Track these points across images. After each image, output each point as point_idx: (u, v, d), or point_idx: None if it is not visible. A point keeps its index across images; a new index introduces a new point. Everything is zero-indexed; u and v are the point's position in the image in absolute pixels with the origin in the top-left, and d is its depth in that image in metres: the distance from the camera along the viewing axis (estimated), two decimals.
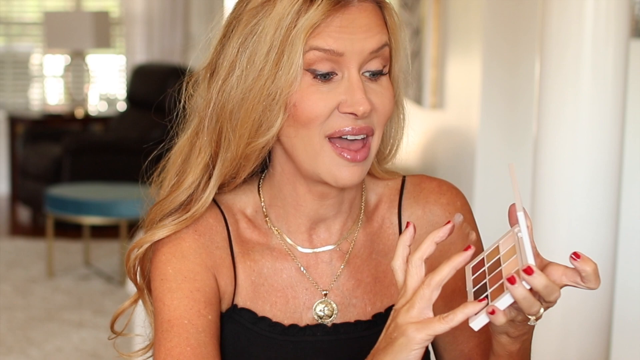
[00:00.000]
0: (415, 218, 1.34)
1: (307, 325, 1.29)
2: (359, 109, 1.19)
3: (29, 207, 6.71)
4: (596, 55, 2.30)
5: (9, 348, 4.27)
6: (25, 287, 5.14)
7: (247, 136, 1.23)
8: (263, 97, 1.20)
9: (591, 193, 2.34)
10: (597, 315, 2.33)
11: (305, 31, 1.18)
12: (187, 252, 1.27)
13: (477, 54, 3.33)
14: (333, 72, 1.21)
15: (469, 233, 1.33)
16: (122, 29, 7.71)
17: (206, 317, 1.24)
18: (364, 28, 1.21)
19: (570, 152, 2.34)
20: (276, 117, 1.21)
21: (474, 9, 3.40)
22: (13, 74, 7.89)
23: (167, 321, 1.24)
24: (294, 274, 1.30)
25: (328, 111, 1.20)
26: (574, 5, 2.30)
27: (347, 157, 1.21)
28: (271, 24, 1.20)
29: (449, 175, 3.70)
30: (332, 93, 1.20)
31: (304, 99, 1.20)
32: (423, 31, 3.96)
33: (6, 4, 7.83)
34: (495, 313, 1.07)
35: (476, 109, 3.33)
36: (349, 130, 1.21)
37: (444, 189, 1.35)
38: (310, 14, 1.19)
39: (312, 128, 1.20)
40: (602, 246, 2.36)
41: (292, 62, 1.19)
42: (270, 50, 1.20)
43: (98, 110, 7.71)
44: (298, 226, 1.31)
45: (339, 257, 1.32)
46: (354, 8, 1.21)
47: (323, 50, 1.19)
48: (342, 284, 1.31)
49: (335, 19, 1.20)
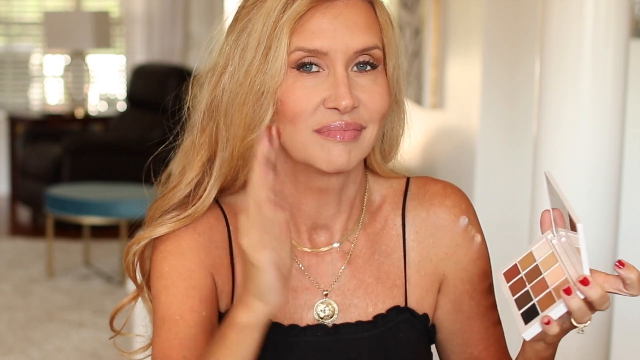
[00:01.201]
0: (420, 220, 1.33)
1: (307, 325, 1.28)
2: (341, 103, 1.19)
3: (29, 207, 6.71)
4: (596, 55, 2.30)
5: (9, 348, 4.26)
6: (25, 287, 5.14)
7: (242, 133, 1.23)
8: (253, 92, 1.21)
9: (591, 193, 2.34)
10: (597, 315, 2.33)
11: (289, 23, 1.19)
12: (184, 250, 1.27)
13: (477, 54, 3.33)
14: (318, 66, 1.21)
15: (474, 235, 1.34)
16: (122, 29, 7.71)
17: (199, 313, 1.24)
18: (349, 25, 1.21)
19: (570, 152, 2.34)
20: (265, 112, 1.21)
21: (474, 9, 3.40)
22: (13, 74, 7.89)
23: (161, 318, 1.25)
24: (295, 274, 1.29)
25: (313, 106, 1.20)
26: (574, 5, 2.30)
27: (337, 138, 1.21)
28: (260, 18, 1.21)
29: (449, 175, 3.70)
30: (317, 88, 1.21)
31: (289, 94, 1.20)
32: (423, 31, 3.96)
33: (6, 4, 7.83)
34: (550, 323, 1.08)
35: (476, 109, 3.33)
36: (336, 125, 1.20)
37: (448, 192, 1.34)
38: (295, 5, 1.19)
39: (299, 123, 1.21)
40: (602, 246, 2.36)
41: (277, 56, 1.19)
42: (258, 45, 1.21)
43: (98, 110, 7.71)
44: (299, 226, 1.30)
45: (340, 257, 1.31)
46: (340, 3, 1.21)
47: (307, 50, 1.20)
48: (343, 284, 1.31)
49: (320, 13, 1.20)
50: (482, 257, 1.35)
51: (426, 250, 1.33)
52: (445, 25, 3.76)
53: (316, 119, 1.20)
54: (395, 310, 1.30)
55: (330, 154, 1.21)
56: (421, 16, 3.99)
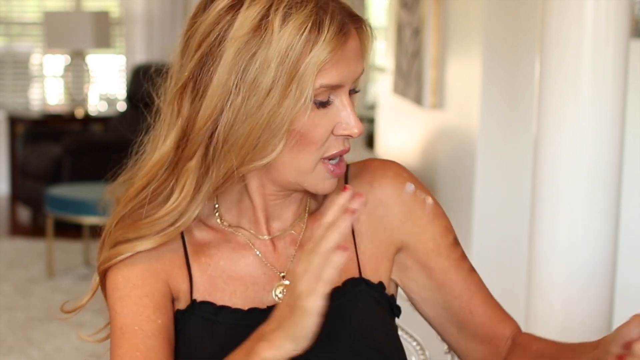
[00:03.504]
0: (364, 194, 1.37)
1: (267, 307, 1.32)
2: (354, 131, 1.27)
3: (29, 207, 6.71)
4: (596, 55, 2.30)
5: (9, 348, 4.27)
6: (25, 287, 5.14)
7: (243, 158, 1.26)
8: (267, 123, 1.24)
9: (591, 193, 2.34)
10: (597, 315, 2.33)
11: (315, 68, 1.22)
12: (135, 258, 1.31)
13: (477, 54, 3.33)
14: (331, 99, 1.26)
15: (425, 198, 1.41)
16: (122, 29, 7.71)
17: (155, 322, 1.29)
18: (357, 55, 1.27)
19: (570, 152, 2.34)
20: (279, 142, 1.25)
21: (474, 9, 3.40)
22: (13, 74, 7.89)
23: (119, 328, 1.30)
24: (252, 261, 1.35)
25: (327, 135, 1.27)
26: (574, 5, 2.30)
27: (333, 172, 1.29)
28: (275, 53, 1.22)
29: (449, 175, 3.70)
30: (328, 117, 1.26)
31: (308, 126, 1.25)
32: (423, 31, 3.96)
33: (6, 4, 7.83)
34: None
35: (476, 109, 3.32)
36: (342, 150, 1.29)
37: (387, 165, 1.42)
38: (318, 50, 1.22)
39: (312, 152, 1.27)
40: (602, 246, 2.36)
41: (303, 95, 1.22)
42: (276, 80, 1.22)
43: (98, 110, 7.71)
44: (258, 218, 1.35)
45: (292, 240, 1.37)
46: (351, 37, 1.26)
47: (329, 86, 1.24)
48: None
49: (339, 51, 1.24)
50: (438, 216, 1.42)
51: (378, 220, 1.39)
52: (445, 25, 3.76)
53: (327, 146, 1.28)
54: (350, 281, 1.35)
55: (324, 184, 1.30)
56: (421, 16, 3.98)
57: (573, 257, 2.35)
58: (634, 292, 3.21)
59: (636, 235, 3.21)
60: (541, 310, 2.40)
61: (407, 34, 4.26)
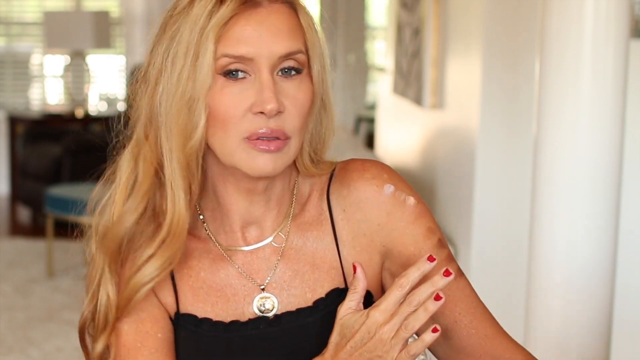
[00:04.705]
0: (342, 198, 1.36)
1: (249, 319, 1.32)
2: (266, 107, 1.22)
3: (29, 207, 6.71)
4: (596, 55, 2.30)
5: (9, 348, 4.27)
6: (25, 287, 5.14)
7: (182, 141, 1.25)
8: (185, 100, 1.23)
9: (591, 193, 2.34)
10: (597, 315, 2.33)
11: (214, 30, 1.21)
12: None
13: (477, 54, 3.33)
14: (245, 72, 1.24)
15: (405, 199, 1.35)
16: (122, 29, 7.71)
17: (155, 336, 1.31)
18: (273, 31, 1.24)
19: (570, 152, 2.34)
20: (199, 119, 1.24)
21: (474, 9, 3.40)
22: (13, 74, 7.89)
23: (124, 346, 1.31)
24: (231, 272, 1.33)
25: (240, 112, 1.23)
26: (574, 5, 2.30)
27: (262, 148, 1.24)
28: (187, 26, 1.23)
29: (449, 176, 3.70)
30: (244, 94, 1.24)
31: (217, 100, 1.23)
32: (423, 31, 3.96)
33: (6, 4, 7.83)
34: None
35: (476, 109, 3.32)
36: (263, 131, 1.23)
37: (367, 166, 1.37)
38: (220, 13, 1.22)
39: (229, 130, 1.24)
40: (602, 246, 2.36)
41: (204, 63, 1.22)
42: (187, 53, 1.23)
43: (98, 110, 7.71)
44: (232, 226, 1.34)
45: (273, 252, 1.34)
46: (263, 9, 1.24)
47: (232, 56, 1.22)
48: (279, 277, 1.34)
49: (244, 20, 1.22)
50: (421, 216, 1.35)
51: (357, 225, 1.35)
52: (445, 25, 3.76)
53: (244, 125, 1.23)
54: (334, 292, 1.33)
55: (256, 162, 1.24)
56: (421, 16, 3.98)
57: (573, 257, 2.35)
58: (634, 292, 3.21)
59: (636, 235, 3.21)
60: (541, 310, 2.40)
61: (407, 34, 4.26)
